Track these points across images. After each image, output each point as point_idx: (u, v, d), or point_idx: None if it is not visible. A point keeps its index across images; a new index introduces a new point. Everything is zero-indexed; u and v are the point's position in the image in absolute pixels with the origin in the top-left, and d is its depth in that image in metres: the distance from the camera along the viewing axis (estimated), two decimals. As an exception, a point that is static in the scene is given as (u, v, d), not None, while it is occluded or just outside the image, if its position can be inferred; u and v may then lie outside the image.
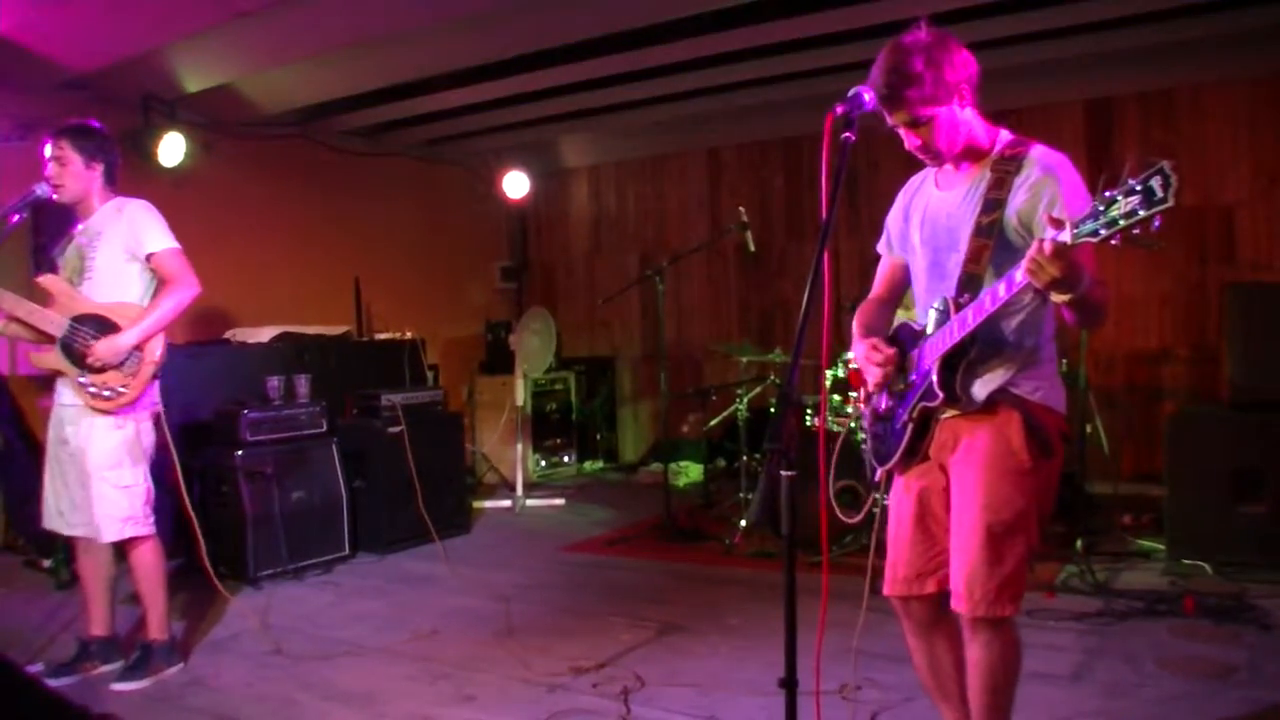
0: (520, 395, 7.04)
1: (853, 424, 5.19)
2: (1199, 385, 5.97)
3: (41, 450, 3.63)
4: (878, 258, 2.70)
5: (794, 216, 7.68)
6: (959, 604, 2.19)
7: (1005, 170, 2.18)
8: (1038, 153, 2.19)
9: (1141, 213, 1.67)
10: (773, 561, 4.86)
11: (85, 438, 3.38)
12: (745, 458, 5.73)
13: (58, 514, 3.52)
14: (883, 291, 2.59)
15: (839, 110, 2.11)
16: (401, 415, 5.49)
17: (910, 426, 2.28)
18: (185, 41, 4.99)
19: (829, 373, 5.23)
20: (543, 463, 7.76)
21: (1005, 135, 2.27)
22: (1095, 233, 1.75)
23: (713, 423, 6.38)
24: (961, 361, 2.17)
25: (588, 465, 8.20)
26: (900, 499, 2.40)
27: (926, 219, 2.35)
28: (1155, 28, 5.23)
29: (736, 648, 3.71)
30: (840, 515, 3.54)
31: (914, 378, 2.30)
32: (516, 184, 8.19)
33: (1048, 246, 1.82)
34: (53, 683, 3.29)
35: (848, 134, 2.10)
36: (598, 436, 8.39)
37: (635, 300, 8.25)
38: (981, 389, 2.18)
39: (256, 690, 3.41)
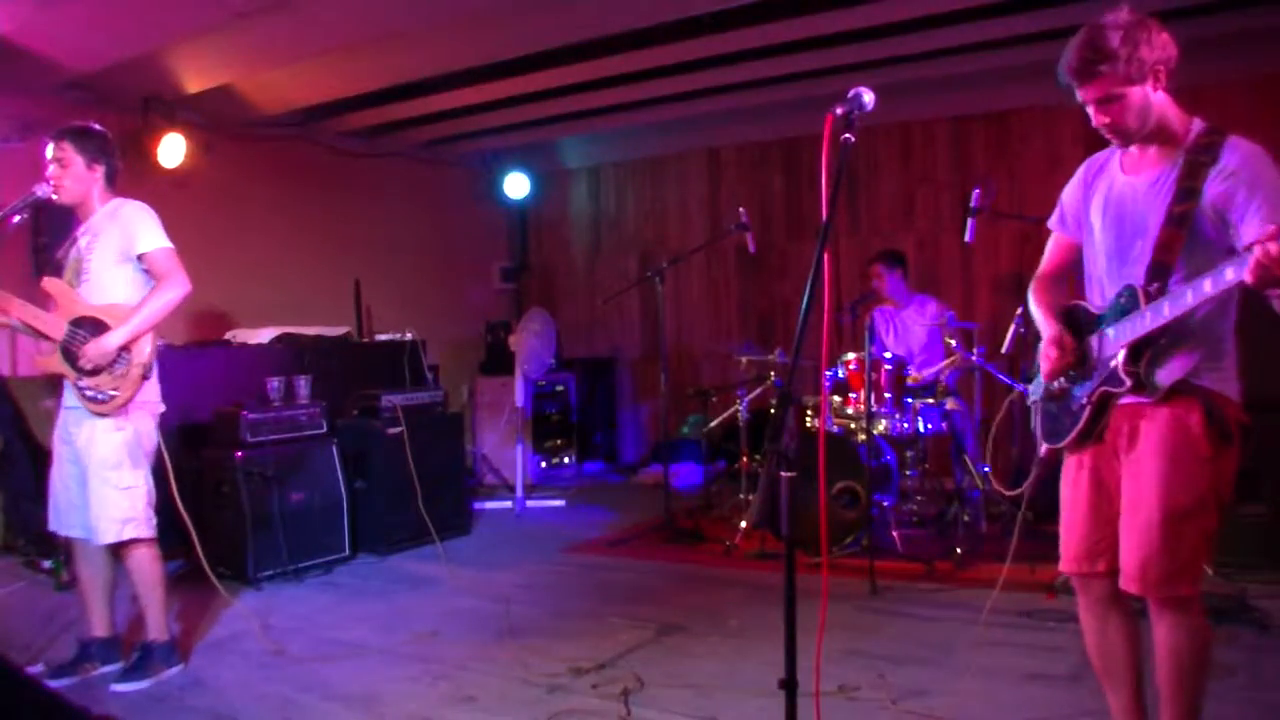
0: (520, 396, 7.04)
1: (852, 424, 5.20)
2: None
3: (40, 451, 3.63)
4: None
5: (794, 217, 7.68)
6: (1130, 585, 2.21)
7: (1200, 159, 2.16)
8: (1235, 142, 2.17)
9: None
10: (773, 562, 4.86)
11: (87, 439, 3.38)
12: (745, 459, 5.73)
13: (55, 516, 3.51)
14: (1053, 268, 2.60)
15: (839, 111, 2.12)
16: (402, 416, 5.49)
17: (1089, 409, 2.30)
18: (185, 42, 4.99)
19: (828, 373, 5.23)
20: (542, 464, 7.76)
21: (1199, 123, 2.25)
22: None
23: (713, 424, 6.38)
24: (1148, 350, 2.19)
25: (587, 466, 8.20)
26: (1075, 478, 2.42)
27: (1111, 202, 2.34)
28: (1155, 28, 5.23)
29: (736, 649, 3.71)
30: (999, 488, 3.40)
31: (1095, 362, 2.31)
32: (516, 184, 8.20)
33: (1275, 249, 1.79)
34: (53, 684, 3.28)
35: (847, 135, 2.11)
36: (597, 437, 8.39)
37: (635, 301, 8.26)
38: (1166, 377, 2.20)
39: (256, 691, 3.41)
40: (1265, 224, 2.02)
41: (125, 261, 3.45)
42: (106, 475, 3.37)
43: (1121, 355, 2.20)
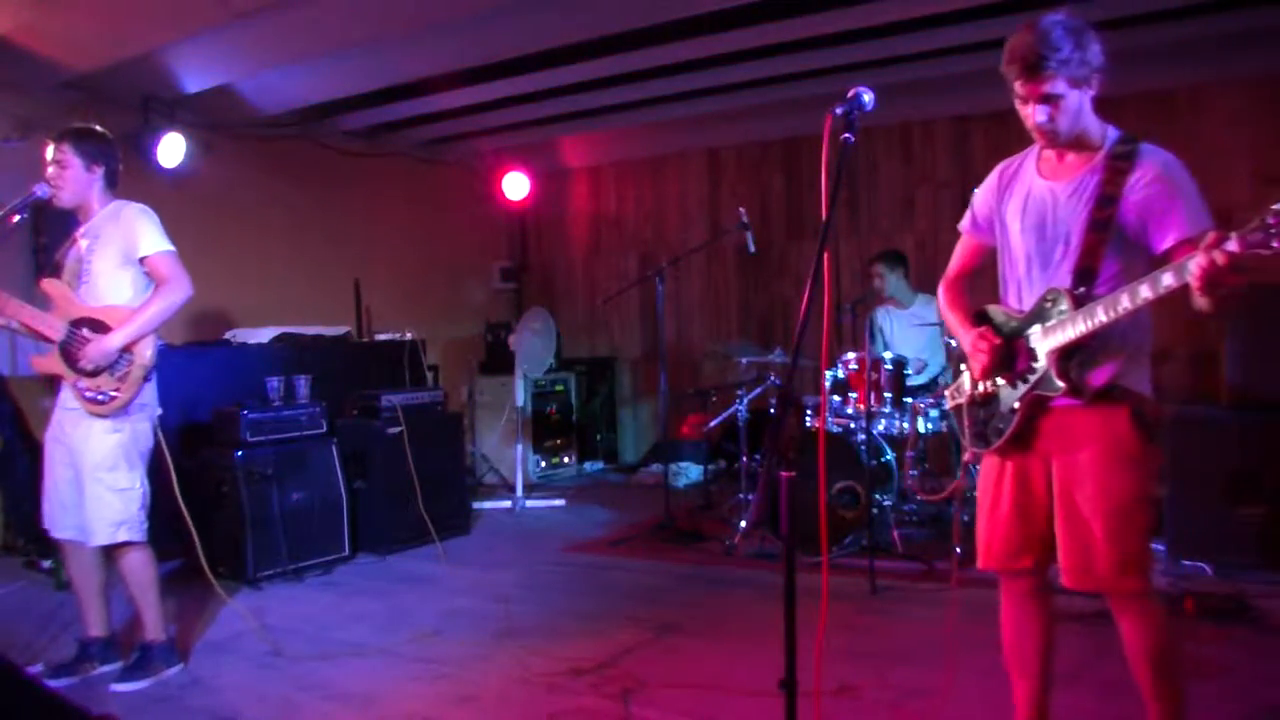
0: (520, 396, 7.04)
1: (853, 423, 5.19)
2: (1198, 385, 5.97)
3: (41, 451, 3.63)
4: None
5: (793, 217, 7.68)
6: (1080, 583, 2.26)
7: (1119, 166, 2.22)
8: (1151, 149, 2.24)
9: None
10: (772, 562, 4.86)
11: (83, 440, 3.38)
12: (745, 459, 5.73)
13: (49, 517, 3.51)
14: (963, 270, 2.67)
15: (838, 111, 2.13)
16: (401, 416, 5.49)
17: (1020, 412, 2.33)
18: (185, 41, 4.99)
19: (828, 373, 5.23)
20: (543, 463, 7.76)
21: (1114, 131, 2.30)
22: (1268, 244, 1.80)
23: (712, 424, 6.38)
24: (1078, 353, 2.23)
25: (587, 466, 8.20)
26: (997, 479, 2.45)
27: (1030, 207, 2.37)
28: (1155, 28, 5.23)
29: (736, 648, 3.71)
30: (924, 495, 3.49)
31: (1023, 365, 2.33)
32: (516, 184, 8.20)
33: (1221, 259, 1.84)
34: (52, 683, 3.29)
35: (847, 134, 2.12)
36: (598, 437, 8.39)
37: (635, 301, 8.26)
38: (1096, 380, 2.24)
39: (256, 691, 3.41)
40: (1184, 229, 2.12)
41: (127, 264, 3.45)
42: (101, 476, 3.36)
43: (1053, 359, 2.24)
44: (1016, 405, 2.33)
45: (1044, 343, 2.26)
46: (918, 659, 3.48)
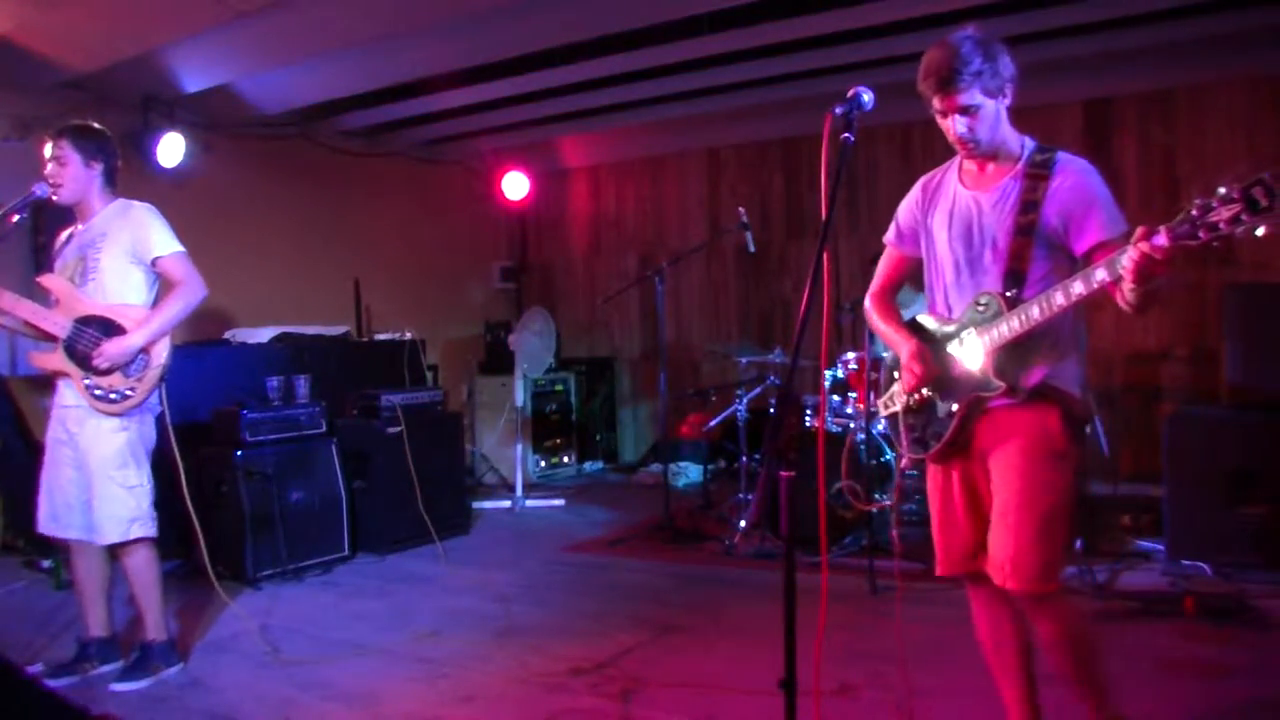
0: (520, 396, 7.04)
1: (852, 423, 5.20)
2: (1198, 385, 5.97)
3: (40, 451, 3.63)
4: (877, 257, 2.75)
5: (793, 216, 7.68)
6: (1005, 581, 2.29)
7: (1039, 174, 2.29)
8: (1067, 158, 2.31)
9: (1245, 219, 1.78)
10: (772, 562, 4.86)
11: (90, 439, 3.37)
12: (745, 458, 5.73)
13: (51, 518, 3.50)
14: (889, 282, 2.71)
15: (838, 110, 2.15)
16: (401, 416, 5.49)
17: (959, 415, 2.35)
18: (185, 41, 4.99)
19: (828, 373, 5.23)
20: (542, 463, 7.76)
21: (1030, 141, 2.38)
22: (1194, 236, 1.84)
23: (712, 423, 6.38)
24: (1013, 353, 2.26)
25: (587, 466, 8.20)
26: (944, 485, 2.48)
27: (956, 216, 2.41)
28: (1155, 28, 5.23)
29: (736, 648, 3.71)
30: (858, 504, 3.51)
31: (958, 370, 2.36)
32: (516, 184, 8.20)
33: (1159, 252, 1.89)
34: (52, 683, 3.28)
35: (847, 134, 2.14)
36: (597, 437, 8.39)
37: (635, 300, 8.26)
38: (1030, 379, 2.27)
39: (256, 691, 3.41)
40: (1102, 232, 2.19)
41: (137, 264, 3.45)
42: (113, 475, 3.37)
43: (990, 358, 2.28)
44: (955, 408, 2.36)
45: (980, 343, 2.30)
46: (918, 659, 3.48)
